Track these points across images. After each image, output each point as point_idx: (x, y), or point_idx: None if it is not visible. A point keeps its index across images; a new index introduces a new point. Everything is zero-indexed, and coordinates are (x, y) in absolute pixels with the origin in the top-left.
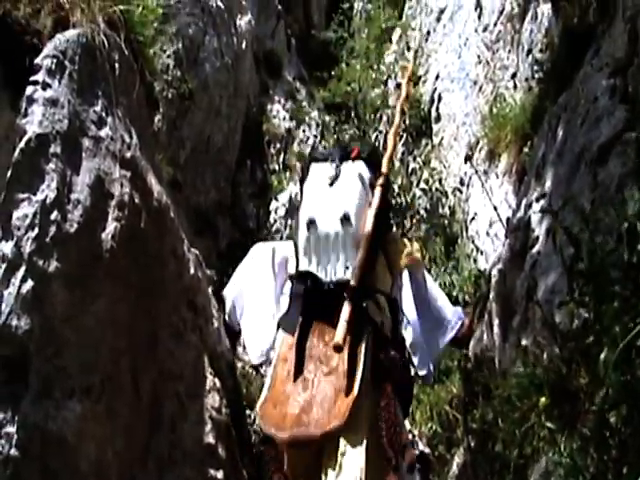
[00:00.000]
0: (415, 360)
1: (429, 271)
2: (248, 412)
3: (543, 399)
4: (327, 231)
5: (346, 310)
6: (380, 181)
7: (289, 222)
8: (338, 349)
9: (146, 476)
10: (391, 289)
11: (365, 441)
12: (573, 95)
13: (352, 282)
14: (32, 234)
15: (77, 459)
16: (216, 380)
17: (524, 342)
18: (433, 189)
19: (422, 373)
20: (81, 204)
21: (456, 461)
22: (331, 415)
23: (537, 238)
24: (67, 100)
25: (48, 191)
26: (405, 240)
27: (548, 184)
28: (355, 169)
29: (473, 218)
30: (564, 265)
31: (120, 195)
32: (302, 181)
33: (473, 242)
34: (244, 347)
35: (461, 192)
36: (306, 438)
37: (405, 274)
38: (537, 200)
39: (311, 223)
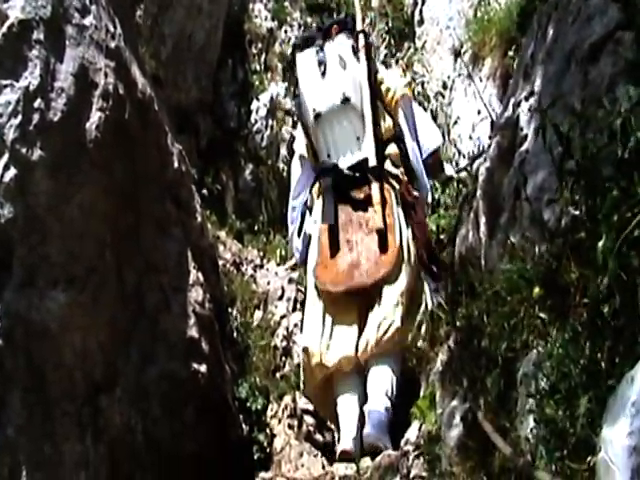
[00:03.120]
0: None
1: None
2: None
3: (537, 289)
4: (333, 117)
5: (376, 192)
6: (361, 42)
7: (270, 123)
8: (380, 231)
9: (130, 368)
10: (394, 128)
11: (405, 276)
12: None
13: (372, 162)
14: (15, 121)
15: (61, 349)
16: (199, 274)
17: (512, 239)
18: (415, 93)
19: (425, 193)
20: (65, 93)
21: (440, 358)
22: (379, 266)
23: (525, 137)
24: None
25: (31, 78)
26: (390, 73)
27: (537, 83)
28: (336, 49)
29: (456, 122)
30: (554, 163)
31: (104, 85)
32: (292, 72)
33: (455, 145)
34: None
35: (443, 96)
36: (359, 286)
37: (400, 110)
38: (526, 99)
39: (317, 116)
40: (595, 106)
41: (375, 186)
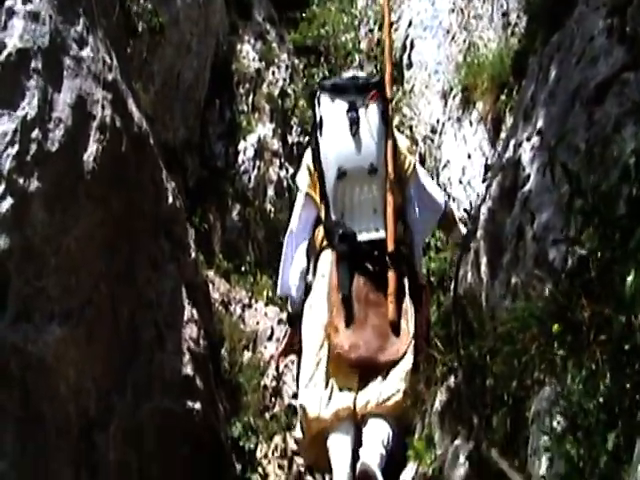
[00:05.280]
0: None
1: None
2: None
3: (556, 326)
4: (356, 182)
5: (392, 281)
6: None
7: (257, 163)
8: (394, 324)
9: (124, 404)
10: (401, 203)
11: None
12: (567, 35)
13: (390, 247)
14: (12, 151)
15: (57, 383)
16: (194, 311)
17: (514, 279)
18: (402, 132)
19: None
20: (63, 123)
21: (439, 399)
22: (392, 348)
23: (528, 177)
24: (48, 15)
25: (29, 108)
26: (400, 137)
27: (540, 123)
28: (370, 115)
29: (445, 165)
30: (562, 202)
31: (102, 117)
32: (313, 111)
33: (445, 190)
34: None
35: (432, 141)
36: (370, 362)
37: (414, 180)
38: (527, 139)
39: (343, 174)
40: (601, 146)
41: (392, 275)
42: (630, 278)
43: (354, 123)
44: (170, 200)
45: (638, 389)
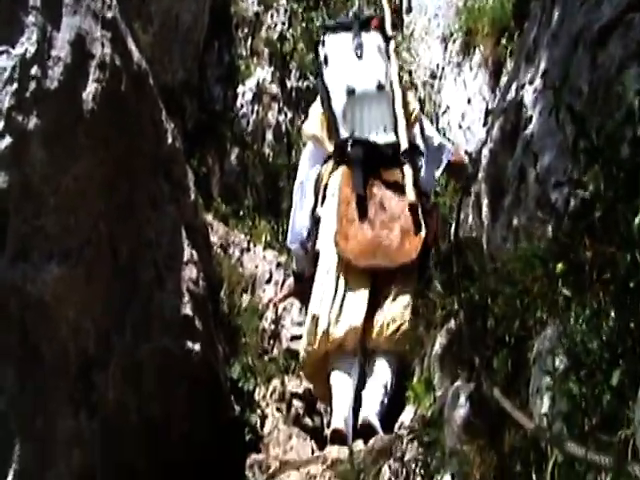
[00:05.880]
0: None
1: None
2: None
3: (560, 266)
4: (365, 98)
5: (409, 173)
6: (392, 46)
7: (256, 107)
8: (414, 207)
9: (123, 345)
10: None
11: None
12: None
13: (404, 145)
14: (11, 89)
15: (56, 323)
16: (193, 252)
17: (516, 222)
18: (403, 81)
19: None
20: (62, 61)
21: (439, 341)
22: (401, 253)
23: (530, 119)
24: None
25: (28, 45)
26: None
27: (542, 66)
28: (374, 40)
29: (445, 110)
30: (565, 144)
31: (101, 55)
32: (316, 53)
33: (444, 134)
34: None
35: (432, 86)
36: (380, 267)
37: (417, 126)
38: (530, 82)
39: (351, 92)
40: (605, 88)
41: (408, 169)
42: (638, 219)
43: (359, 47)
44: (170, 140)
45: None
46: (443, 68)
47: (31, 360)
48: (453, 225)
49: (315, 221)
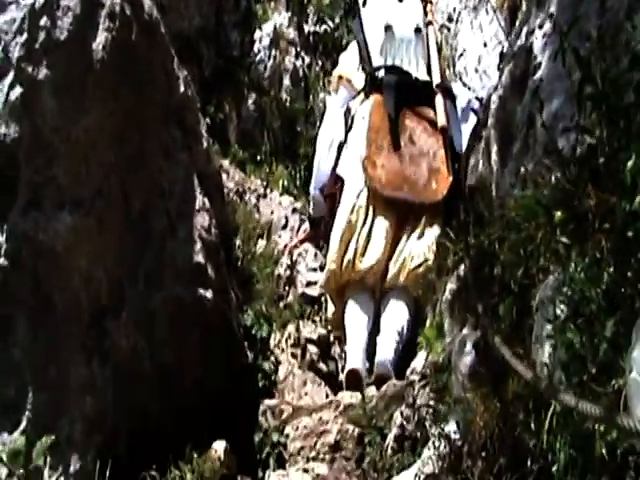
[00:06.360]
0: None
1: None
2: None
3: (559, 214)
4: (403, 36)
5: (441, 101)
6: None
7: (273, 53)
8: (445, 131)
9: (136, 292)
10: None
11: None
12: None
13: (437, 80)
14: (21, 39)
15: (68, 271)
16: (205, 200)
17: (524, 168)
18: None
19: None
20: (71, 11)
21: (449, 287)
22: (428, 191)
23: (539, 64)
24: None
25: None
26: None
27: (552, 10)
28: None
29: (461, 54)
30: (572, 88)
31: (111, 5)
32: None
33: (461, 78)
34: None
35: (449, 29)
36: (408, 201)
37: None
38: (540, 27)
39: (388, 28)
40: (613, 33)
41: (440, 98)
42: (630, 163)
43: None
44: (182, 89)
45: (637, 276)
46: (459, 12)
47: (43, 309)
48: (463, 171)
49: (339, 146)
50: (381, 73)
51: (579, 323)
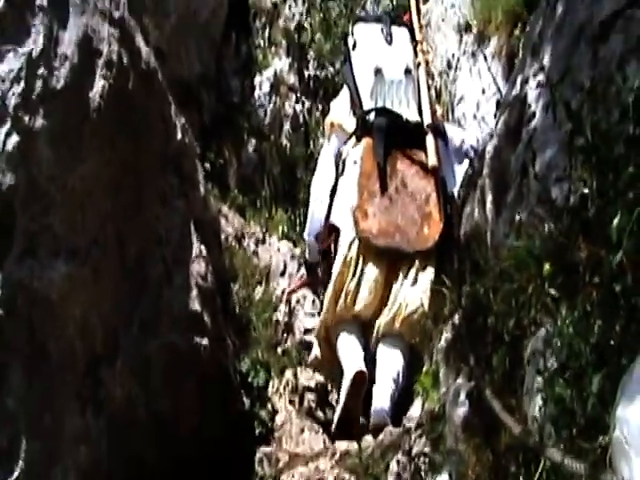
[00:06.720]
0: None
1: None
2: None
3: (547, 266)
4: (393, 79)
5: (432, 141)
6: (420, 57)
7: (273, 98)
8: (435, 172)
9: (131, 340)
10: None
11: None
12: None
13: (428, 120)
14: (18, 88)
15: (62, 320)
16: (202, 247)
17: (518, 217)
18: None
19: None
20: (68, 60)
21: (444, 335)
22: (420, 238)
23: (534, 114)
24: None
25: (34, 45)
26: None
27: (546, 60)
28: (404, 34)
29: (460, 101)
30: (563, 140)
31: (108, 54)
32: (345, 41)
33: (459, 124)
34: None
35: (448, 75)
36: (399, 249)
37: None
38: (534, 76)
39: (378, 71)
40: (605, 84)
41: (431, 139)
42: (616, 220)
43: (388, 35)
44: (179, 136)
45: (626, 332)
46: (458, 58)
47: (38, 358)
48: (459, 219)
49: (331, 193)
50: (372, 116)
51: (568, 377)
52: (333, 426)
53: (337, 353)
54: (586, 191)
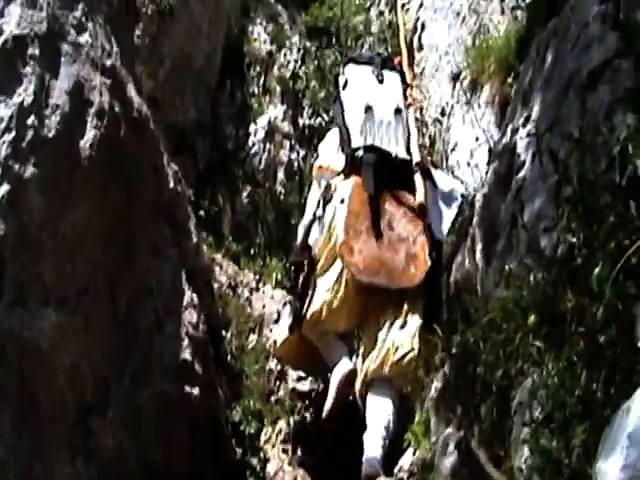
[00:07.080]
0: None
1: None
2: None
3: (532, 318)
4: (382, 118)
5: (420, 180)
6: (409, 100)
7: (268, 146)
8: (423, 209)
9: (122, 390)
10: None
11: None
12: (563, 20)
13: (417, 159)
14: (8, 138)
15: (53, 369)
16: (194, 296)
17: (508, 267)
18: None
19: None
20: (59, 110)
21: (434, 385)
22: (407, 276)
23: (523, 163)
24: (46, 2)
25: (25, 94)
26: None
27: (535, 109)
28: (395, 77)
29: (454, 148)
30: (551, 189)
31: (100, 103)
32: (336, 83)
33: (453, 172)
34: None
35: (441, 123)
36: (384, 286)
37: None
38: (523, 125)
39: (368, 108)
40: (592, 133)
41: (419, 177)
42: (597, 270)
43: (379, 76)
44: (171, 185)
45: (610, 383)
46: (452, 106)
47: (28, 407)
48: (448, 268)
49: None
50: (360, 153)
51: (553, 428)
52: (324, 415)
53: (320, 348)
54: (574, 241)
